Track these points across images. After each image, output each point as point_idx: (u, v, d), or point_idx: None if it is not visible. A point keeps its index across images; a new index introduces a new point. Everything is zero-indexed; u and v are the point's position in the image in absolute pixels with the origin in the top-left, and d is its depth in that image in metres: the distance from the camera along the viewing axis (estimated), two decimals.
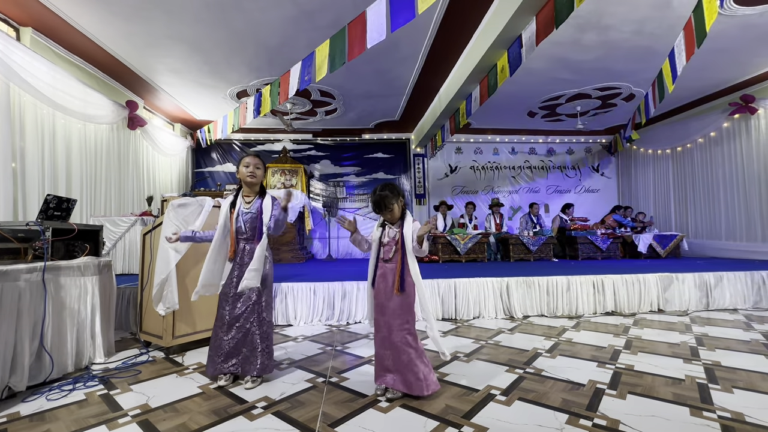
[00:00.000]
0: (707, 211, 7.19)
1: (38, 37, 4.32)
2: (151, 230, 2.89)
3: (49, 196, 2.52)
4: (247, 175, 2.19)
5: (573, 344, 2.78)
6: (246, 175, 2.19)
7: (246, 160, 2.22)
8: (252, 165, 2.19)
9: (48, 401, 1.91)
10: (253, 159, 2.22)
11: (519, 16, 3.60)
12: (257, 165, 2.21)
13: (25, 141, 4.11)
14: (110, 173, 5.53)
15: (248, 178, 2.19)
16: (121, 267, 4.63)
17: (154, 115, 6.98)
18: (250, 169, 2.19)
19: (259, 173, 2.22)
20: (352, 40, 3.16)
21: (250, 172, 2.19)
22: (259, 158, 2.26)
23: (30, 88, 4.04)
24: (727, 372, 2.20)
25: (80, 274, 2.43)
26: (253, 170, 2.19)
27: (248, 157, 2.23)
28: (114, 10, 4.00)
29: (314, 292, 3.60)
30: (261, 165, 2.24)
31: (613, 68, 5.49)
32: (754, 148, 6.32)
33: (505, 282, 3.75)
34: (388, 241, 1.94)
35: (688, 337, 2.95)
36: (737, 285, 4.04)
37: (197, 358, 2.56)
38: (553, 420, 1.64)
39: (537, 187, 9.18)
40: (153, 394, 1.98)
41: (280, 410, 1.77)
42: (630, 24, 4.36)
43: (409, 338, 1.88)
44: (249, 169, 2.19)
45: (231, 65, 5.30)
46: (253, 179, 2.20)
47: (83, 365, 2.41)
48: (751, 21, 4.35)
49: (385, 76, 5.76)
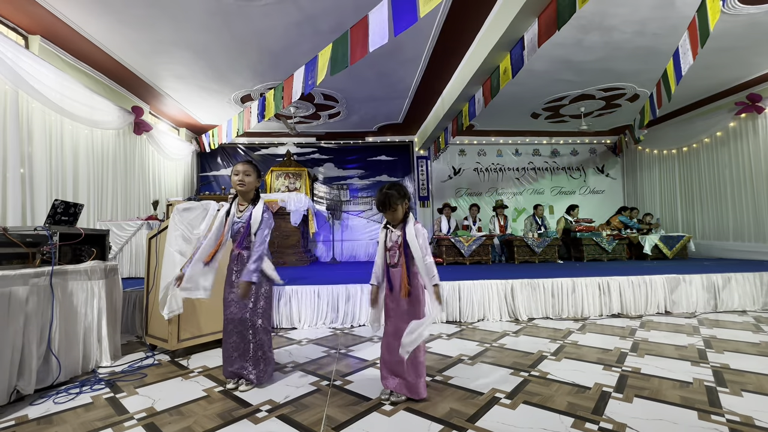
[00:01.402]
0: (714, 212, 7.10)
1: (46, 44, 4.40)
2: (156, 234, 2.91)
3: (56, 201, 2.56)
4: (237, 183, 2.12)
5: (578, 347, 2.75)
6: (236, 183, 2.13)
7: (236, 167, 2.14)
8: (241, 173, 2.12)
9: (55, 404, 1.93)
10: (243, 166, 2.14)
11: (521, 18, 3.60)
12: (247, 172, 2.13)
13: (33, 147, 4.17)
14: (116, 178, 5.59)
15: (238, 186, 2.13)
16: (128, 271, 4.67)
17: (160, 120, 7.06)
18: (239, 177, 2.12)
19: (250, 180, 2.14)
20: (355, 43, 3.18)
21: (239, 180, 2.12)
22: (250, 164, 2.17)
23: (38, 95, 4.10)
24: (736, 375, 2.17)
25: (87, 278, 2.46)
26: (242, 178, 2.12)
27: (239, 164, 2.16)
28: (121, 18, 4.06)
29: (318, 295, 3.60)
30: (252, 171, 2.16)
31: (616, 69, 5.47)
32: (761, 147, 6.24)
33: (510, 284, 3.73)
34: (392, 245, 1.93)
35: (696, 339, 2.91)
36: (746, 286, 3.99)
37: (202, 362, 2.57)
38: (558, 424, 1.62)
39: (541, 188, 9.13)
40: (159, 397, 2.00)
41: (284, 413, 1.77)
42: (632, 24, 4.35)
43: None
44: (238, 177, 2.12)
45: (235, 70, 5.35)
46: (242, 187, 2.13)
47: (90, 368, 2.43)
48: (756, 19, 4.32)
49: (388, 79, 5.78)
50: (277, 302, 3.53)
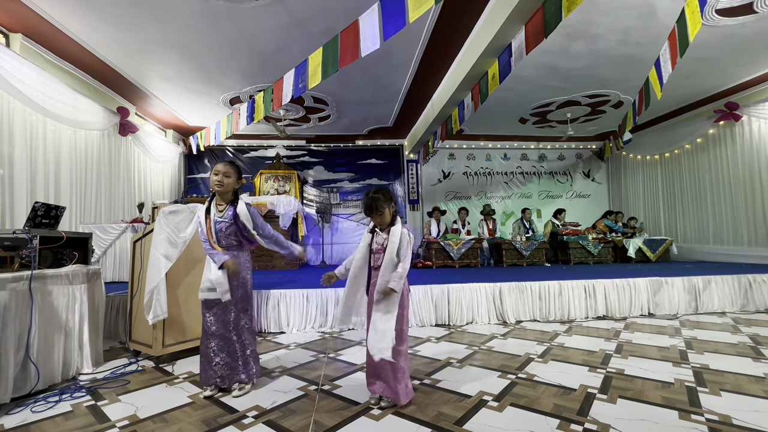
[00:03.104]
0: (695, 216, 7.31)
1: (28, 43, 4.29)
2: (141, 238, 2.86)
3: (37, 203, 2.49)
4: (216, 183, 2.10)
5: (565, 349, 2.79)
6: (214, 183, 2.11)
7: (217, 167, 2.13)
8: (221, 173, 2.11)
9: (33, 413, 1.87)
10: (223, 167, 2.13)
11: (509, 26, 3.67)
12: (227, 173, 2.12)
13: (14, 147, 4.05)
14: (100, 180, 5.47)
15: (216, 186, 2.11)
16: (111, 275, 4.57)
17: (146, 121, 6.94)
18: (218, 178, 2.10)
19: (229, 181, 2.13)
20: (345, 47, 3.19)
21: (218, 180, 2.10)
22: (231, 165, 2.16)
23: (19, 95, 4.00)
24: (715, 375, 2.23)
25: (68, 282, 2.40)
26: (222, 179, 2.10)
27: (219, 164, 2.14)
28: (105, 18, 3.99)
29: (307, 298, 3.58)
30: (232, 173, 2.14)
31: (601, 76, 5.60)
32: (739, 154, 6.46)
33: (498, 287, 3.77)
34: (377, 248, 1.93)
35: (678, 340, 2.98)
36: (725, 288, 4.11)
37: (187, 368, 2.52)
38: (544, 425, 1.64)
39: (529, 192, 9.27)
40: (142, 404, 1.95)
41: (271, 419, 1.75)
42: (616, 33, 4.47)
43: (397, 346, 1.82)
44: (218, 177, 2.10)
45: (224, 72, 5.31)
46: (220, 188, 2.11)
47: (70, 376, 2.37)
48: (732, 31, 4.48)
49: (378, 83, 5.80)
50: (265, 306, 3.50)
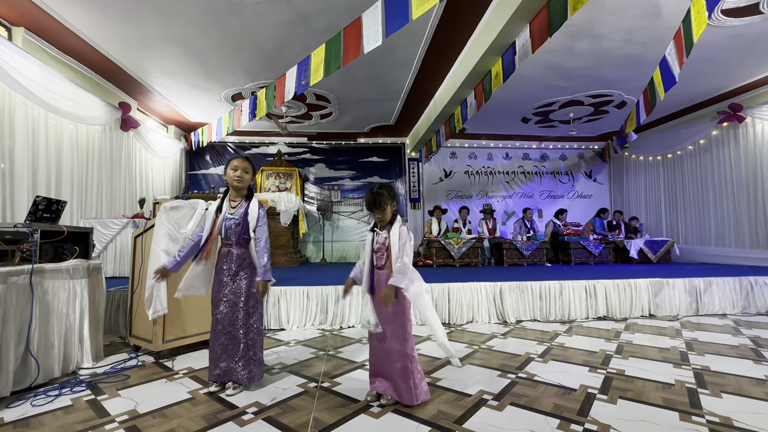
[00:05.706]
0: (697, 217, 7.29)
1: (30, 37, 4.28)
2: (142, 233, 2.85)
3: (38, 197, 2.48)
4: (235, 179, 2.09)
5: (565, 349, 2.79)
6: (233, 179, 2.09)
7: (234, 162, 2.10)
8: (240, 169, 2.09)
9: (33, 407, 1.87)
10: (241, 162, 2.11)
11: (513, 23, 3.64)
12: (246, 169, 2.10)
13: (15, 141, 4.05)
14: (102, 175, 5.46)
15: (235, 182, 2.09)
16: (112, 270, 4.57)
17: (148, 116, 6.93)
18: (237, 174, 2.08)
19: (247, 177, 2.11)
20: (347, 44, 3.17)
21: (237, 176, 2.08)
22: (248, 161, 2.14)
23: (21, 89, 3.99)
24: (716, 377, 2.22)
25: (69, 277, 2.40)
26: (241, 174, 2.09)
27: (236, 159, 2.12)
28: (108, 12, 3.98)
29: (307, 296, 3.58)
30: (250, 169, 2.13)
31: (605, 76, 5.57)
32: (742, 155, 6.43)
33: (499, 286, 3.76)
34: (379, 247, 1.91)
35: (678, 342, 2.98)
36: (726, 290, 4.09)
37: (187, 363, 2.52)
38: (544, 425, 1.64)
39: (531, 192, 9.25)
40: (141, 399, 1.95)
41: (271, 416, 1.75)
42: (620, 33, 4.44)
43: (401, 346, 1.84)
44: (237, 173, 2.08)
45: (226, 68, 5.29)
46: (240, 183, 2.10)
47: (70, 370, 2.37)
48: (738, 32, 4.45)
49: (381, 80, 5.78)
50: (265, 303, 3.50)
